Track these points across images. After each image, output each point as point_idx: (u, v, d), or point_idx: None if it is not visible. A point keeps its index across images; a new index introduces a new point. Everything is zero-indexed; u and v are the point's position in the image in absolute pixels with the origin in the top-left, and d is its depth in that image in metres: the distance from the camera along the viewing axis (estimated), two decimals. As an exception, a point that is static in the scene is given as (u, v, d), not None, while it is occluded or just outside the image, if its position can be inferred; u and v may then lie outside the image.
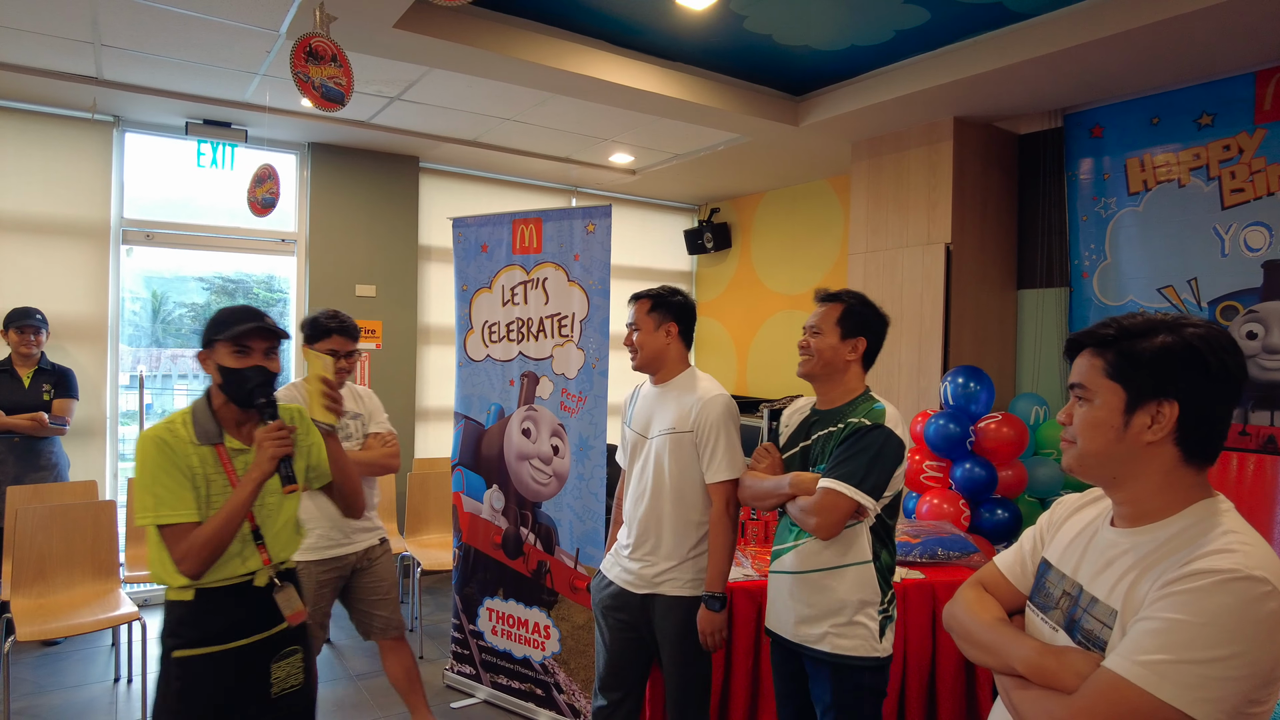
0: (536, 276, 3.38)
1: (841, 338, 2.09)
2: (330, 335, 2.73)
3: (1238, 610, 0.97)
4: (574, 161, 5.63)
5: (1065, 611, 1.21)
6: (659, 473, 2.36)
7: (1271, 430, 3.57)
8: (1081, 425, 1.18)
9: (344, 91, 2.87)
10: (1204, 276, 3.75)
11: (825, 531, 1.96)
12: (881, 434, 1.98)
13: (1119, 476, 1.15)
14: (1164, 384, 1.10)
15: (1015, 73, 3.65)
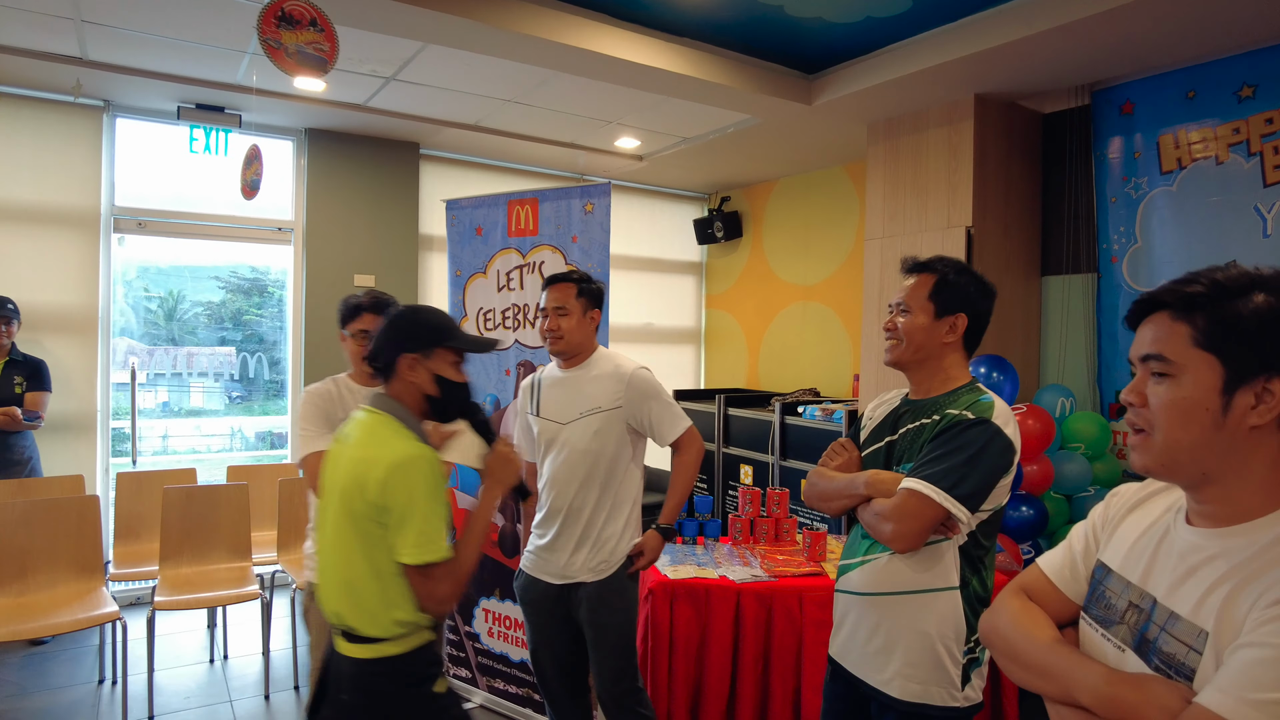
0: (533, 260, 3.21)
1: (936, 316, 1.73)
2: (360, 314, 2.42)
3: None
4: (579, 147, 5.45)
5: (1134, 628, 1.01)
6: (586, 456, 2.36)
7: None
8: (1165, 408, 0.94)
9: (326, 57, 2.68)
10: (1244, 259, 3.49)
11: (902, 542, 1.60)
12: (986, 431, 1.60)
13: (1212, 472, 0.94)
14: (1274, 355, 0.89)
15: (1040, 43, 3.44)
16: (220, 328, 5.32)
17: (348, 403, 2.40)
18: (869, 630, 1.72)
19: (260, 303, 5.45)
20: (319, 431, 2.31)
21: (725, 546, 3.26)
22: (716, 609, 2.79)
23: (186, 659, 3.89)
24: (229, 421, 5.46)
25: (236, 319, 5.39)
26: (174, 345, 5.21)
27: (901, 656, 1.67)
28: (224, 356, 5.34)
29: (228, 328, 5.34)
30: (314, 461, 2.23)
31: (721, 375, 6.74)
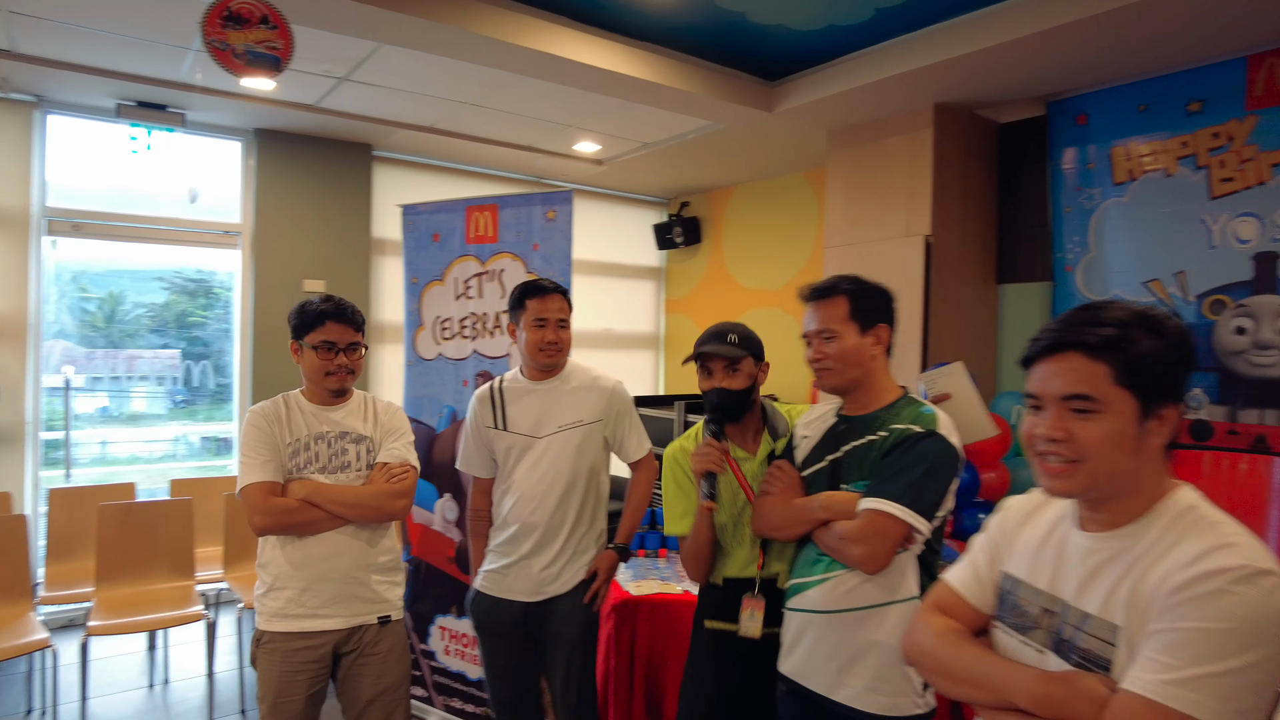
0: (493, 268, 3.12)
1: (862, 332, 1.74)
2: (324, 322, 2.13)
3: (1258, 608, 0.91)
4: (538, 150, 5.37)
5: (1050, 631, 1.10)
6: (567, 471, 2.30)
7: (1261, 429, 3.43)
8: (1098, 441, 1.03)
9: (280, 56, 2.54)
10: (1192, 269, 3.61)
11: (874, 563, 1.60)
12: (936, 443, 1.64)
13: (1123, 489, 1.06)
14: (1170, 386, 1.04)
15: (998, 55, 3.48)
16: (163, 331, 5.11)
17: (298, 425, 2.14)
18: (831, 647, 1.70)
19: (206, 304, 5.25)
20: (263, 460, 2.05)
21: (688, 559, 3.21)
22: (679, 625, 2.74)
23: (124, 685, 3.70)
24: (173, 428, 5.25)
25: (181, 321, 5.18)
26: (114, 349, 4.99)
27: (869, 670, 1.66)
28: (167, 360, 5.12)
29: (171, 331, 5.13)
30: (256, 495, 2.01)
31: (682, 381, 6.71)
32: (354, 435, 2.19)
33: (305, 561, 2.07)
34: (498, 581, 2.36)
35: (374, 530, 2.16)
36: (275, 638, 2.07)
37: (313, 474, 2.11)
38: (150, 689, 3.66)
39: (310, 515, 2.05)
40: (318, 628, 2.09)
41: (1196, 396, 3.60)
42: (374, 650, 2.14)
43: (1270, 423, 3.41)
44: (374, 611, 2.16)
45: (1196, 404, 3.61)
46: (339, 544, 2.09)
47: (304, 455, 2.12)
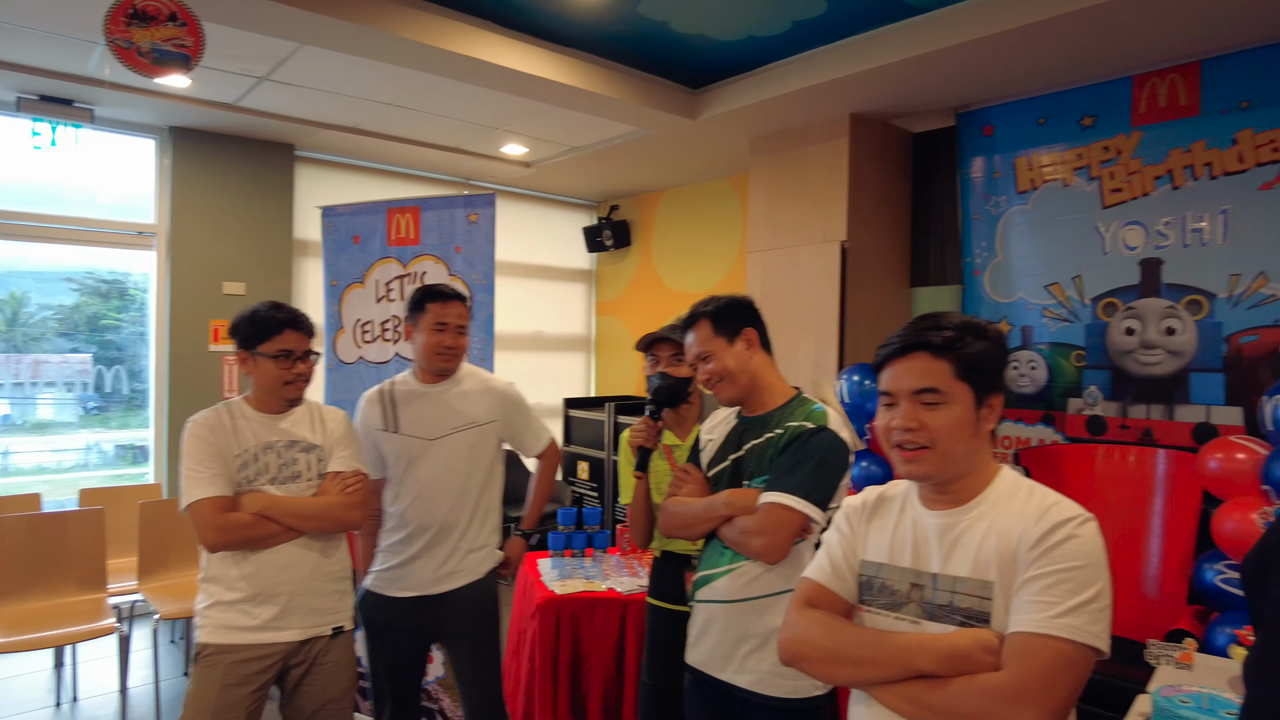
0: (414, 270, 3.13)
1: (730, 342, 1.88)
2: (281, 330, 2.08)
3: (1095, 547, 1.12)
4: (464, 152, 5.35)
5: (921, 603, 1.23)
6: (460, 471, 2.35)
7: (1148, 423, 3.66)
8: (945, 428, 1.21)
9: (190, 54, 2.49)
10: (1087, 274, 3.83)
11: (774, 554, 1.71)
12: (827, 438, 1.76)
13: (967, 469, 1.23)
14: (996, 380, 1.24)
15: (910, 68, 3.63)
16: (73, 334, 4.92)
17: (244, 435, 2.08)
18: (738, 635, 1.79)
19: (120, 307, 5.07)
20: (211, 473, 1.98)
21: (614, 557, 3.27)
22: (603, 622, 2.79)
23: (28, 705, 3.56)
24: (84, 436, 5.05)
25: (92, 325, 4.99)
26: (17, 353, 4.78)
27: (771, 655, 1.74)
28: (77, 365, 4.93)
29: (82, 334, 4.94)
30: (207, 511, 1.96)
31: (613, 383, 6.77)
32: (304, 444, 2.14)
33: (259, 574, 2.02)
34: (390, 580, 2.38)
35: (327, 540, 2.14)
36: (222, 649, 2.00)
37: (263, 486, 2.06)
38: (57, 708, 3.53)
39: (267, 530, 2.01)
40: (271, 640, 2.04)
41: (1092, 393, 3.83)
42: (323, 661, 2.11)
43: (1156, 417, 3.64)
44: (328, 623, 2.13)
45: (1092, 400, 3.83)
46: (294, 555, 2.06)
47: (254, 467, 2.06)
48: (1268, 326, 3.35)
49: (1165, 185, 3.59)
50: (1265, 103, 3.32)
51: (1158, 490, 3.38)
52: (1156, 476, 3.40)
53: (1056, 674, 1.07)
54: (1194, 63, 3.48)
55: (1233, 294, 3.43)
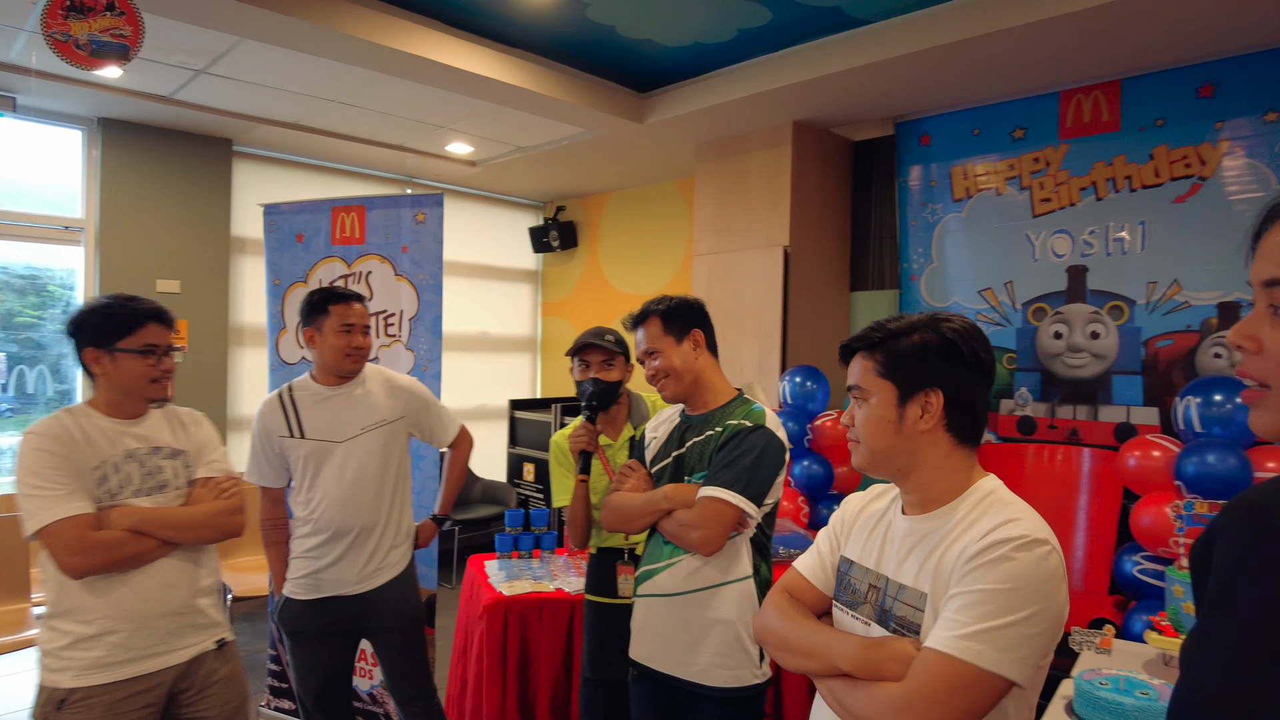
0: (359, 270, 3.09)
1: (679, 342, 1.94)
2: (144, 324, 1.90)
3: (1033, 572, 1.06)
4: (408, 150, 5.30)
5: (875, 604, 1.24)
6: (375, 470, 2.36)
7: (1075, 423, 3.84)
8: (864, 424, 1.24)
9: (129, 44, 2.41)
10: (1018, 280, 3.99)
11: (710, 546, 1.77)
12: (763, 435, 1.83)
13: (905, 468, 1.22)
14: (927, 375, 1.20)
15: (851, 78, 3.74)
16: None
17: (100, 444, 1.86)
18: (678, 628, 1.85)
19: (40, 304, 4.86)
20: (68, 490, 1.77)
21: (561, 558, 3.28)
22: (551, 623, 2.80)
23: (-53, 716, 3.40)
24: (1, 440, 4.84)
25: (7, 322, 4.78)
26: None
27: (712, 647, 1.81)
28: (-7, 366, 4.72)
29: (-3, 333, 4.73)
30: (69, 532, 1.74)
31: (559, 384, 6.77)
32: (167, 450, 1.96)
33: (135, 598, 1.84)
34: (312, 585, 2.35)
35: (200, 550, 1.99)
36: (95, 692, 1.79)
37: (127, 499, 1.87)
38: (-23, 720, 3.38)
39: (143, 546, 1.83)
40: (155, 668, 1.86)
41: (1023, 395, 3.99)
42: (215, 679, 1.97)
43: (1082, 417, 3.82)
44: (210, 637, 1.99)
45: (1023, 401, 4.00)
46: (171, 572, 1.90)
47: (115, 479, 1.86)
48: (1181, 331, 3.54)
49: (1090, 196, 3.76)
50: (1179, 121, 3.51)
51: (1083, 487, 3.55)
52: (1081, 474, 3.57)
53: (948, 694, 1.04)
54: (1115, 81, 3.67)
55: (1150, 301, 3.62)
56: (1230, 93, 3.38)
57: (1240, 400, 0.65)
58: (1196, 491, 2.79)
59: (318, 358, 2.34)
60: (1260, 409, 0.70)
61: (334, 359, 2.31)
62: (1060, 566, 1.09)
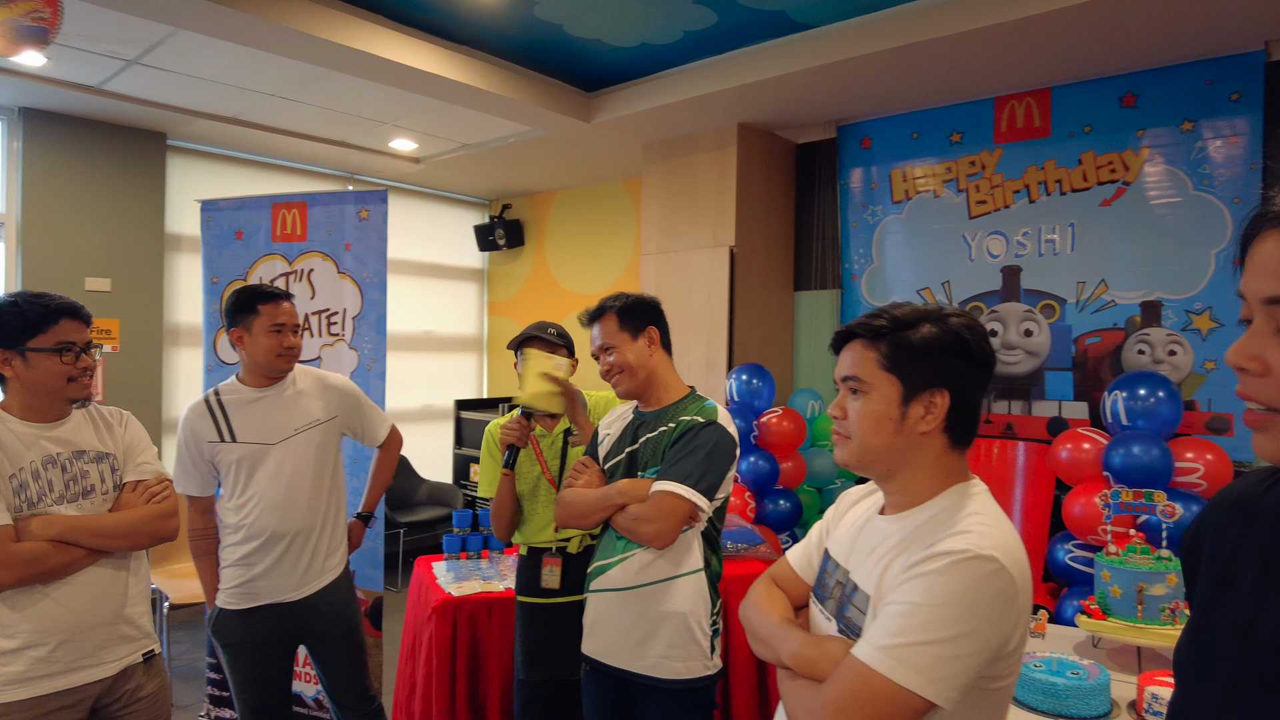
0: (301, 267, 3.03)
1: (634, 338, 1.96)
2: (58, 320, 1.81)
3: (968, 590, 0.98)
4: (351, 146, 5.21)
5: (839, 601, 1.20)
6: (311, 472, 2.32)
7: (1010, 418, 3.98)
8: (859, 419, 1.15)
9: (48, 28, 2.32)
10: (955, 280, 4.12)
11: (663, 539, 1.78)
12: (715, 431, 1.85)
13: (895, 468, 1.15)
14: (936, 374, 1.11)
15: (794, 81, 3.81)
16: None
17: (16, 450, 1.77)
18: (630, 622, 1.86)
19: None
20: None
21: (510, 557, 3.27)
22: (500, 622, 2.79)
23: None
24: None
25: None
26: None
27: (663, 640, 1.83)
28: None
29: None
30: None
31: (506, 384, 6.72)
32: (92, 453, 1.87)
33: (60, 610, 1.75)
34: (248, 594, 2.29)
35: (130, 558, 1.90)
36: (14, 708, 1.70)
37: (49, 507, 1.77)
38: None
39: (68, 557, 1.74)
40: (80, 682, 1.77)
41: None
42: (141, 694, 1.88)
43: (1017, 412, 3.96)
44: (138, 649, 1.90)
45: (959, 398, 4.12)
46: (100, 582, 1.81)
47: (35, 486, 1.77)
48: (1108, 329, 3.70)
49: (1023, 199, 3.90)
50: (1104, 129, 3.67)
51: (1018, 480, 3.68)
52: (1017, 467, 3.71)
53: (856, 704, 1.00)
54: (1046, 89, 3.81)
55: (1080, 300, 3.77)
56: (1150, 103, 3.55)
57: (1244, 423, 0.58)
58: (1123, 481, 2.92)
59: (247, 359, 2.28)
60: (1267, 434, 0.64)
61: (265, 360, 2.25)
62: (1009, 588, 1.00)
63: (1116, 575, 2.18)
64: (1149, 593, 2.10)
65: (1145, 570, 2.13)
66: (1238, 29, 3.17)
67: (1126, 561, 2.18)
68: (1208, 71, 3.40)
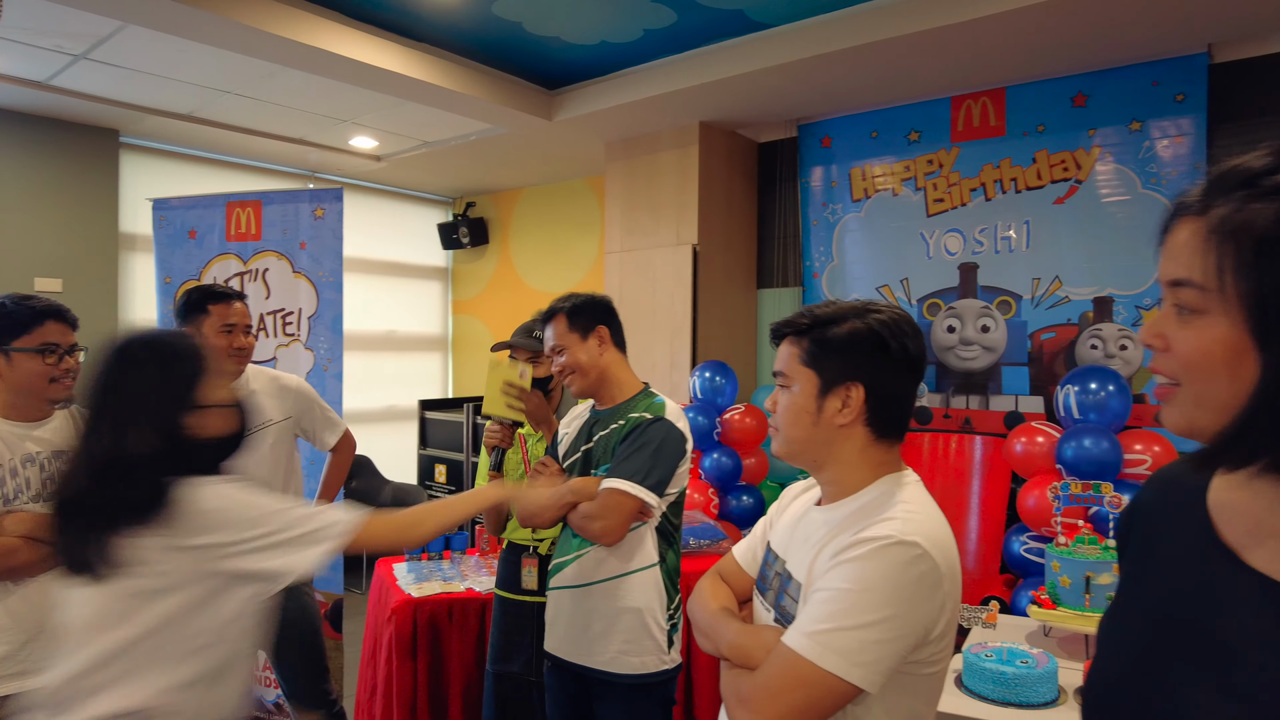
0: (255, 267, 2.99)
1: (584, 339, 1.99)
2: (41, 322, 1.87)
3: (890, 575, 1.01)
4: (309, 144, 5.14)
5: (775, 591, 1.22)
6: (262, 473, 2.33)
7: (968, 413, 4.04)
8: (783, 412, 1.20)
9: None
10: (914, 277, 4.17)
11: (610, 536, 1.80)
12: (662, 427, 1.87)
13: (820, 459, 1.19)
14: (850, 368, 1.14)
15: (754, 81, 3.83)
16: None
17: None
18: (586, 618, 1.89)
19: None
20: None
21: (472, 558, 3.25)
22: (461, 623, 2.78)
23: None
24: None
25: None
26: None
27: (619, 635, 1.85)
28: None
29: None
30: None
31: (471, 384, 6.68)
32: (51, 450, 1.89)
33: (25, 608, 1.76)
34: None
35: None
36: None
37: (24, 505, 1.80)
38: None
39: (38, 553, 1.73)
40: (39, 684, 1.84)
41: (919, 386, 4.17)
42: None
43: (974, 407, 4.03)
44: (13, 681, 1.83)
45: (919, 393, 4.18)
46: None
47: (11, 484, 1.81)
48: (1062, 325, 3.78)
49: (980, 197, 3.97)
50: (1057, 128, 3.74)
51: (975, 473, 3.75)
52: (974, 461, 3.77)
53: (784, 689, 1.02)
54: (1001, 89, 3.88)
55: (1035, 296, 3.84)
56: (1100, 103, 3.63)
57: (1155, 397, 0.62)
58: (1074, 473, 2.99)
59: None
60: (1170, 405, 0.69)
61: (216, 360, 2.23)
62: (932, 572, 1.02)
63: (1065, 565, 2.23)
64: (1096, 582, 2.15)
65: (1093, 560, 2.19)
66: (1182, 32, 3.25)
67: (1075, 552, 2.23)
68: (1154, 73, 3.48)
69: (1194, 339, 0.64)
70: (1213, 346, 0.63)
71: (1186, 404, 0.67)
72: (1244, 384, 0.61)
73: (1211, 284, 0.63)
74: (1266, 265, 0.60)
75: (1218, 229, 0.62)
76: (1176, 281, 0.66)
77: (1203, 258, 0.63)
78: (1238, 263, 0.61)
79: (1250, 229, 0.60)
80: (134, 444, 1.30)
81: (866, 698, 1.03)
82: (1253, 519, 0.68)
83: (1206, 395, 0.64)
